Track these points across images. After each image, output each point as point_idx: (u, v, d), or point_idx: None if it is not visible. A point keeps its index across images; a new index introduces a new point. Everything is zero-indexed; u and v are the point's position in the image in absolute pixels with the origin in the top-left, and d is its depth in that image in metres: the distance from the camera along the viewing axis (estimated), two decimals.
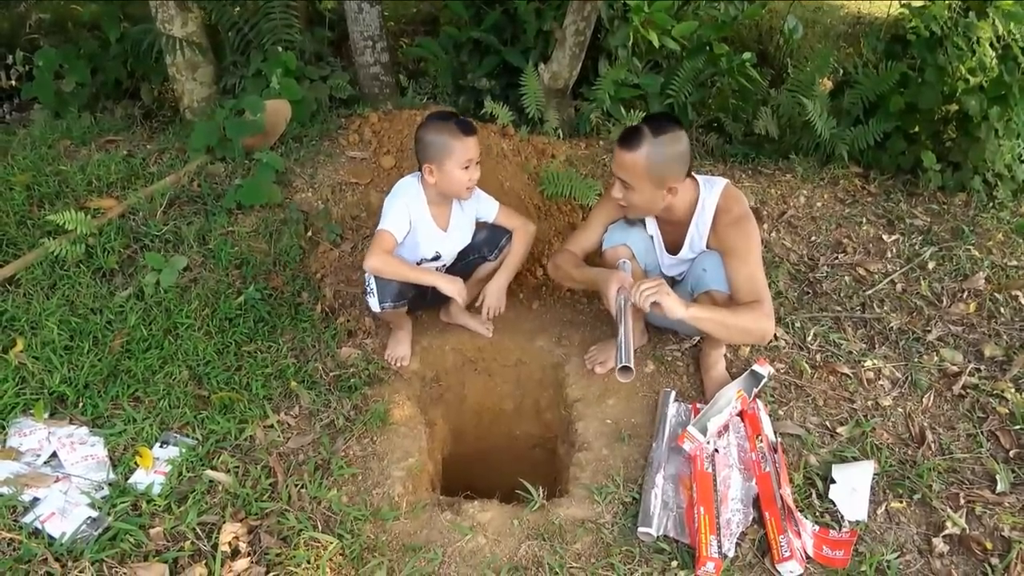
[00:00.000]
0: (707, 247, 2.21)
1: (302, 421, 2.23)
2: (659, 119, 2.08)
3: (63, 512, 1.83)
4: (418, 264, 2.43)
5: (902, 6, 3.81)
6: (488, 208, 2.49)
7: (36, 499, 1.87)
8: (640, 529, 1.88)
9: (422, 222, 2.34)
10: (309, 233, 2.90)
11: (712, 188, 2.16)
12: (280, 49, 3.41)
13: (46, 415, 2.11)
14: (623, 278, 2.13)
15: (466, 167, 2.22)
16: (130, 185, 3.02)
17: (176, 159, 3.18)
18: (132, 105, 3.78)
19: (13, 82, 4.02)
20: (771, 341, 2.54)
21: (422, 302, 2.55)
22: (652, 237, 2.33)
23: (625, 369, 1.96)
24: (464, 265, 2.54)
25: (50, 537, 1.77)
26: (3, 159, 3.12)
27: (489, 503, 2.03)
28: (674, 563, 1.83)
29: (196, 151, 3.13)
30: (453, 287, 2.29)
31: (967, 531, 1.94)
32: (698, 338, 2.57)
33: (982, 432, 2.26)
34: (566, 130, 3.67)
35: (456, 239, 2.45)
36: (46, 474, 1.94)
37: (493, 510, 2.00)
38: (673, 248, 2.30)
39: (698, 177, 2.19)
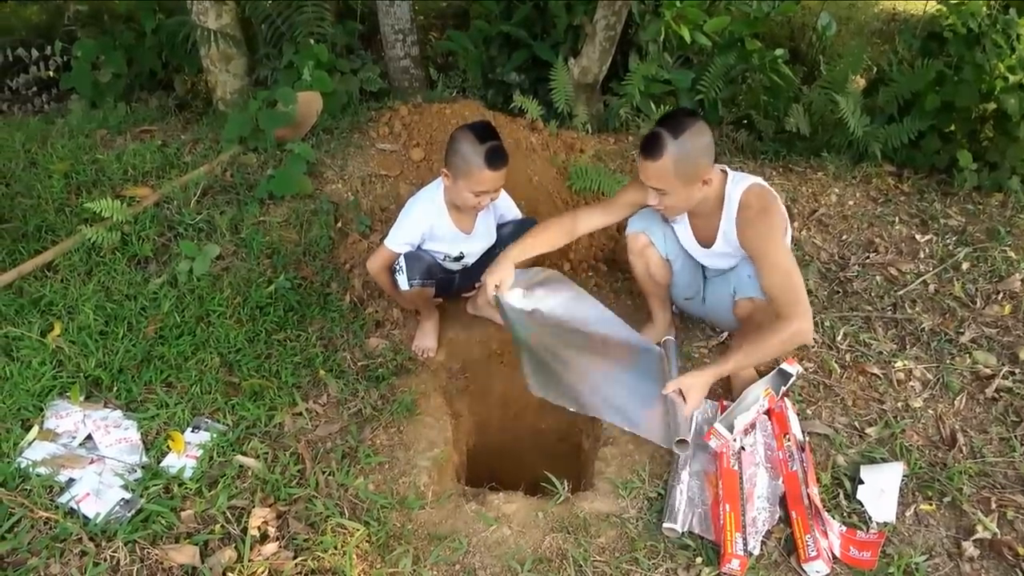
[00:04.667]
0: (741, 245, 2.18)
1: (330, 409, 2.25)
2: (674, 118, 2.03)
3: (97, 493, 1.87)
4: (442, 260, 2.46)
5: (939, 3, 3.74)
6: (509, 211, 2.56)
7: (72, 480, 1.91)
8: (665, 525, 1.88)
9: (442, 228, 2.37)
10: (339, 224, 2.93)
11: (739, 183, 2.13)
12: (312, 42, 3.45)
13: (82, 398, 2.16)
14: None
15: (478, 196, 2.21)
16: (165, 174, 3.07)
17: (210, 149, 3.23)
18: (166, 96, 3.85)
19: (51, 73, 4.10)
20: None
21: (448, 288, 2.58)
22: (674, 227, 2.34)
23: (682, 442, 2.03)
24: (489, 258, 2.54)
25: (85, 517, 1.82)
26: (42, 148, 3.20)
27: (514, 495, 2.04)
28: (699, 559, 1.83)
29: (229, 141, 3.18)
30: None
31: (998, 535, 1.91)
32: (725, 334, 2.56)
33: (1015, 436, 2.22)
34: (595, 125, 3.67)
35: (481, 240, 2.48)
36: (81, 455, 1.98)
37: (518, 502, 2.00)
38: (706, 241, 2.28)
39: (729, 172, 2.16)
